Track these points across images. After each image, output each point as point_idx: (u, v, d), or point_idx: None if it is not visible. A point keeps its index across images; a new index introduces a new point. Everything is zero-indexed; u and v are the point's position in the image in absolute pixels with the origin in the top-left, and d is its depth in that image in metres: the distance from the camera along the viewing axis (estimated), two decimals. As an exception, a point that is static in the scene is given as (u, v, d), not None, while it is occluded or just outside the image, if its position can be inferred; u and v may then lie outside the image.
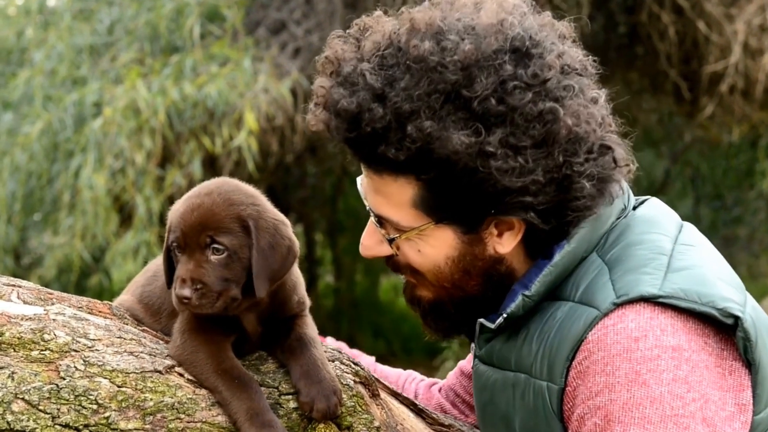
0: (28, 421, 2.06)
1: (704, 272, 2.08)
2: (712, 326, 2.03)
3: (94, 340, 2.18)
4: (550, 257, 2.16)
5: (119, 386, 2.13)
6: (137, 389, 2.14)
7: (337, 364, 2.32)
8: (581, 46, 2.19)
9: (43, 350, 2.13)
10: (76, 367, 2.12)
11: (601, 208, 2.14)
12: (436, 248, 2.18)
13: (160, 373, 2.18)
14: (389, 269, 2.33)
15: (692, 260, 2.10)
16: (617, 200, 2.20)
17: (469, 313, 2.27)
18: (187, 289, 2.18)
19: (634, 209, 2.24)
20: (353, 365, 2.34)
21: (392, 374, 2.79)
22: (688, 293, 2.02)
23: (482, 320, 2.23)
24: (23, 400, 2.07)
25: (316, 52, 2.06)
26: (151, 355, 2.21)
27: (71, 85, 9.26)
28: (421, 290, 2.28)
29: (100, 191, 8.36)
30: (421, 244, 2.18)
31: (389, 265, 2.29)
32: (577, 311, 2.08)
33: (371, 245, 2.26)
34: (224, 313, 2.23)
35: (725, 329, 2.03)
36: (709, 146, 13.15)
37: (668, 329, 2.00)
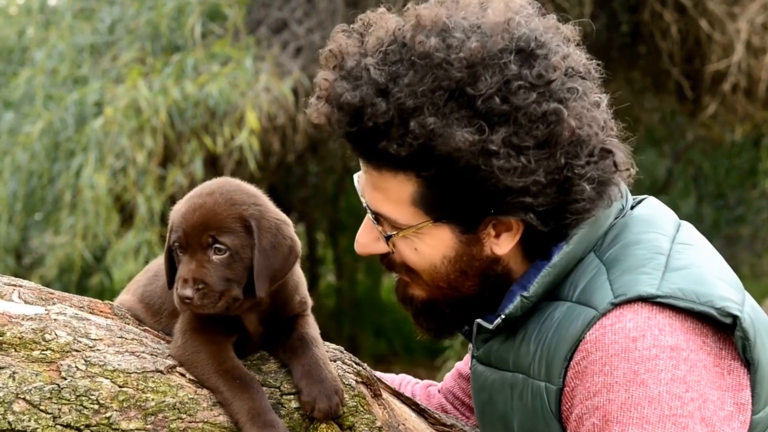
0: (29, 421, 2.06)
1: (702, 271, 2.07)
2: (710, 326, 2.03)
3: (95, 339, 2.18)
4: (548, 258, 2.15)
5: (120, 386, 2.13)
6: (138, 389, 2.14)
7: (338, 363, 2.32)
8: (584, 45, 2.19)
9: (44, 350, 2.13)
10: (77, 367, 2.12)
11: (599, 211, 2.13)
12: (433, 247, 2.17)
13: (161, 373, 2.18)
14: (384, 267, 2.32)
15: (690, 259, 2.10)
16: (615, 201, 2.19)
17: (463, 313, 2.26)
18: (188, 289, 2.17)
19: (631, 209, 2.24)
20: (355, 365, 2.34)
21: (386, 379, 2.78)
22: (686, 293, 2.02)
23: (480, 321, 2.23)
24: (24, 400, 2.07)
25: (317, 51, 2.05)
26: (152, 355, 2.21)
27: (72, 84, 9.25)
28: (414, 289, 2.27)
29: (101, 191, 8.36)
30: (417, 242, 2.17)
31: (384, 263, 2.28)
32: (575, 311, 2.07)
33: (367, 243, 2.25)
34: (226, 313, 2.22)
35: (724, 328, 2.03)
36: (711, 145, 13.13)
37: (666, 329, 1.99)
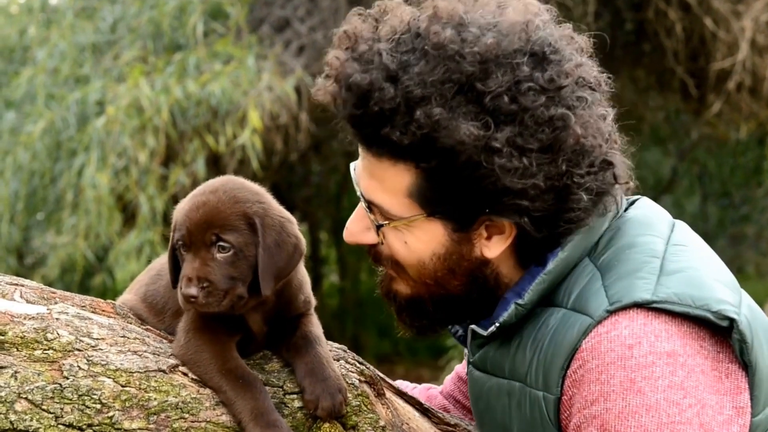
0: (31, 420, 2.05)
1: (698, 274, 2.06)
2: (707, 329, 2.02)
3: (97, 339, 2.18)
4: (543, 264, 2.14)
5: (123, 386, 2.12)
6: (141, 389, 2.13)
7: (342, 363, 2.32)
8: (588, 42, 2.18)
9: (46, 349, 2.12)
10: (79, 366, 2.12)
11: (593, 220, 2.13)
12: (423, 242, 2.16)
13: (164, 372, 2.17)
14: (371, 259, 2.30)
15: (685, 262, 2.09)
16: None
17: (448, 312, 2.26)
18: (193, 287, 2.17)
19: (625, 210, 2.23)
20: (358, 364, 2.34)
21: None
22: (681, 297, 2.01)
23: (474, 327, 2.22)
24: (26, 399, 2.06)
25: (320, 49, 2.06)
26: (155, 354, 2.20)
27: (74, 83, 9.26)
28: (398, 284, 2.26)
29: (103, 190, 8.37)
30: (408, 235, 2.16)
31: (371, 254, 2.26)
32: (570, 319, 2.06)
33: (356, 231, 2.24)
34: (230, 311, 2.22)
35: (721, 332, 2.02)
36: (716, 144, 13.14)
37: (662, 335, 1.98)
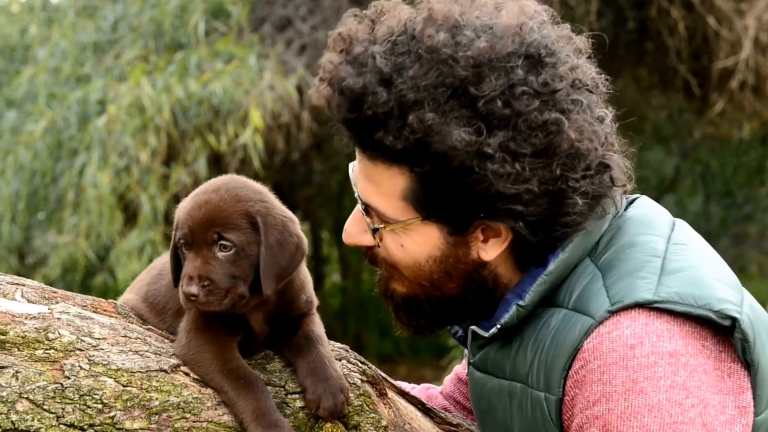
0: (32, 420, 2.05)
1: (699, 273, 2.06)
2: (709, 328, 2.01)
3: (98, 339, 2.17)
4: (543, 265, 2.13)
5: (124, 385, 2.12)
6: (142, 388, 2.13)
7: (344, 362, 2.32)
8: (589, 43, 2.17)
9: (47, 349, 2.12)
10: (80, 366, 2.11)
11: (590, 224, 2.12)
12: (419, 245, 2.16)
13: (165, 372, 2.17)
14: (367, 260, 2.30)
15: (686, 261, 2.08)
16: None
17: (445, 313, 2.26)
18: (194, 286, 2.17)
19: (625, 209, 2.22)
20: (360, 364, 2.34)
21: None
22: (683, 296, 2.00)
23: (474, 328, 2.22)
24: (28, 399, 2.06)
25: (322, 48, 2.07)
26: (156, 354, 2.20)
27: (75, 82, 9.27)
28: (395, 283, 2.26)
29: (104, 190, 8.37)
30: (404, 238, 2.16)
31: (367, 256, 2.27)
32: (571, 319, 2.06)
33: (354, 233, 2.24)
34: (232, 310, 2.21)
35: (723, 331, 2.01)
36: (719, 143, 13.14)
37: (664, 335, 1.98)
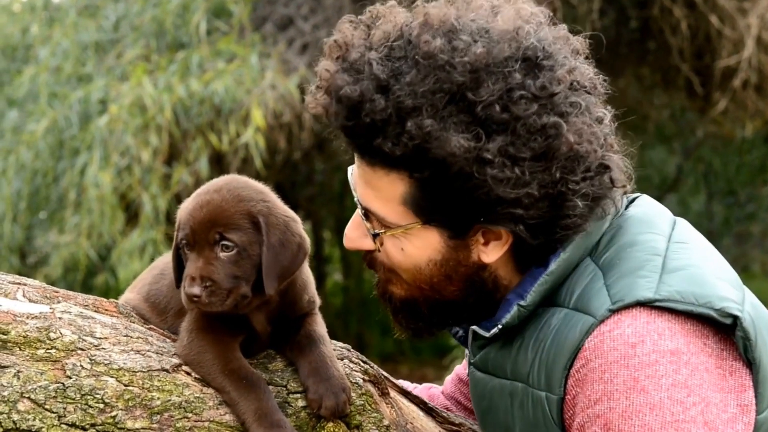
0: (34, 420, 2.05)
1: (700, 271, 2.05)
2: (710, 327, 2.01)
3: (100, 338, 2.17)
4: (545, 265, 2.13)
5: (126, 385, 2.12)
6: (144, 388, 2.13)
7: (346, 362, 2.31)
8: (591, 41, 2.17)
9: (49, 349, 2.12)
10: (82, 365, 2.11)
11: (590, 225, 2.11)
12: (419, 249, 2.16)
13: (167, 371, 2.17)
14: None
15: (687, 259, 2.08)
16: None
17: (443, 316, 2.25)
18: (196, 287, 2.16)
19: (625, 209, 2.22)
20: (362, 363, 2.34)
21: None
22: (684, 295, 2.00)
23: (475, 328, 2.21)
24: (29, 399, 2.06)
25: (323, 48, 2.05)
26: (158, 353, 2.20)
27: (76, 82, 9.27)
28: (394, 287, 2.25)
29: (106, 189, 8.37)
30: (405, 243, 2.16)
31: (366, 260, 2.27)
32: (572, 318, 2.06)
33: (355, 238, 2.24)
34: (234, 311, 2.21)
35: (724, 329, 2.01)
36: (722, 142, 13.14)
37: (666, 333, 1.97)
